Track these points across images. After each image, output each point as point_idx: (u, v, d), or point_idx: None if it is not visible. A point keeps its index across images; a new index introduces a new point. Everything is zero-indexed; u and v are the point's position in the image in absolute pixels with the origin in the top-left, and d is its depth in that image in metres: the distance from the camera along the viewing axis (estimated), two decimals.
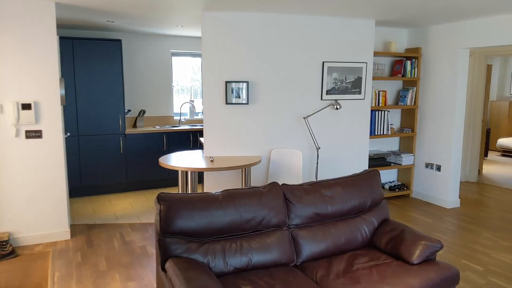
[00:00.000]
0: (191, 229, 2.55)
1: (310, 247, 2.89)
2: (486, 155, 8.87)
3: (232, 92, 4.40)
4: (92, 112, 5.64)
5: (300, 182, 4.48)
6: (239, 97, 4.44)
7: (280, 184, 3.10)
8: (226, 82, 4.39)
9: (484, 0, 3.77)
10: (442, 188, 5.42)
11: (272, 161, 4.63)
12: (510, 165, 8.19)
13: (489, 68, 7.15)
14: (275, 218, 2.83)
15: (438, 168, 5.45)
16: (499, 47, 6.22)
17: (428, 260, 2.79)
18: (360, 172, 3.35)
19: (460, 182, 6.76)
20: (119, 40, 5.66)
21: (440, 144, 5.41)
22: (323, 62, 4.76)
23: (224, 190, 2.78)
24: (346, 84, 4.92)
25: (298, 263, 2.86)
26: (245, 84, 4.43)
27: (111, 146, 5.80)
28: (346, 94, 4.94)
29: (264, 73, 4.55)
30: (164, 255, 2.52)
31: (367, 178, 3.27)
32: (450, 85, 5.21)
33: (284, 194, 2.95)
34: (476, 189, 6.35)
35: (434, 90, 5.44)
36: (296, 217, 2.94)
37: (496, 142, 9.47)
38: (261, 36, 4.48)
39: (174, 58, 6.70)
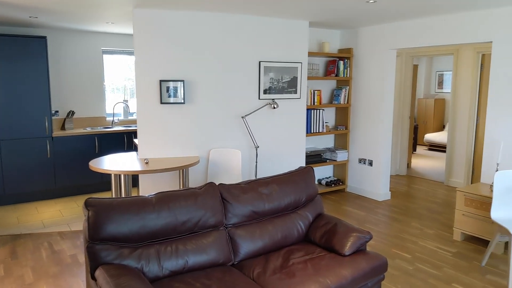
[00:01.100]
0: (122, 235, 2.46)
1: (247, 245, 2.90)
2: (414, 149, 9.46)
3: (167, 91, 4.31)
4: (15, 114, 5.25)
5: (240, 181, 4.48)
6: (175, 97, 4.35)
7: (218, 184, 3.08)
8: (161, 81, 4.28)
9: (408, 4, 4.01)
10: (374, 182, 5.69)
11: (211, 161, 4.59)
12: (436, 158, 8.80)
13: (415, 68, 7.62)
14: (212, 218, 2.80)
15: (370, 163, 5.72)
16: (424, 48, 6.66)
17: (359, 251, 2.92)
18: (295, 169, 3.41)
19: (391, 175, 7.15)
20: (44, 37, 5.31)
21: (371, 140, 5.68)
22: (260, 62, 4.80)
23: (158, 193, 2.71)
24: (283, 84, 5.00)
25: (236, 262, 2.86)
26: (181, 83, 4.35)
27: (36, 150, 5.43)
28: (282, 93, 5.03)
29: (201, 72, 4.50)
30: (94, 262, 2.40)
31: (302, 175, 3.34)
32: (380, 84, 5.49)
33: (221, 194, 2.93)
34: (405, 181, 6.75)
35: (365, 89, 5.70)
36: (233, 216, 2.93)
37: (424, 137, 10.14)
38: (197, 35, 4.42)
39: (106, 56, 6.43)
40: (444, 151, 9.33)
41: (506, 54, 4.17)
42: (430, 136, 9.79)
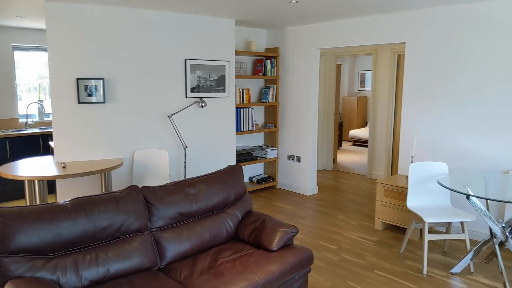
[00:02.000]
0: (34, 245, 2.27)
1: (174, 248, 2.83)
2: (340, 145, 9.90)
3: (85, 90, 4.06)
4: None
5: (167, 182, 4.36)
6: (94, 96, 4.12)
7: (142, 186, 2.96)
8: (78, 79, 4.03)
9: (329, 6, 4.16)
10: (302, 177, 5.86)
11: (136, 163, 4.42)
12: (360, 153, 9.28)
13: (338, 67, 7.96)
14: (135, 223, 2.68)
15: (299, 160, 5.88)
16: (346, 48, 6.97)
17: (287, 246, 2.97)
18: (224, 168, 3.39)
19: (318, 170, 7.42)
20: None
21: (298, 137, 5.84)
22: (186, 60, 4.71)
23: (74, 199, 2.54)
24: (210, 82, 4.95)
25: (162, 266, 2.77)
26: (100, 81, 4.13)
27: None
28: (210, 92, 4.98)
29: (123, 70, 4.31)
30: (3, 277, 2.19)
31: (230, 173, 3.33)
32: (305, 83, 5.65)
33: (144, 197, 2.83)
34: (331, 176, 7.03)
35: (292, 88, 5.84)
36: (158, 219, 2.84)
37: (348, 133, 10.65)
38: (118, 31, 4.22)
39: (17, 53, 5.92)
40: (367, 146, 9.87)
41: (417, 54, 4.49)
42: (354, 132, 10.31)
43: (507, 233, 3.25)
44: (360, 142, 10.30)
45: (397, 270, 3.53)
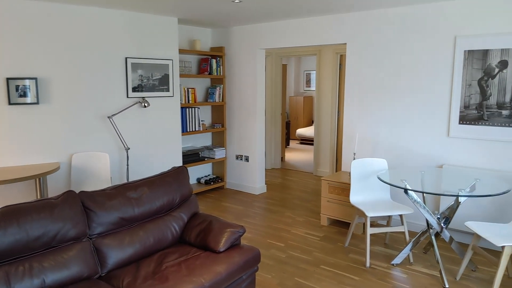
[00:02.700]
0: None
1: (116, 254, 2.71)
2: (288, 144, 10.05)
3: (16, 90, 3.79)
4: None
5: (108, 186, 4.19)
6: (27, 96, 3.86)
7: (79, 191, 2.81)
8: (8, 78, 3.75)
9: (271, 6, 4.19)
10: (251, 176, 5.88)
11: (74, 167, 4.20)
12: (307, 151, 9.47)
13: (284, 67, 8.08)
14: (72, 230, 2.54)
15: (247, 159, 5.88)
16: (291, 48, 7.08)
17: (234, 246, 2.96)
18: (168, 170, 3.31)
19: (266, 169, 7.48)
20: None
21: (246, 137, 5.85)
22: (126, 58, 4.55)
23: (4, 207, 2.36)
24: (153, 81, 4.82)
25: (104, 274, 2.65)
26: (33, 81, 3.88)
27: None
28: (154, 91, 4.85)
29: (58, 69, 4.08)
30: None
31: (175, 175, 3.25)
32: (252, 82, 5.67)
33: (82, 203, 2.69)
34: (280, 174, 7.11)
35: (238, 87, 5.83)
36: (98, 225, 2.71)
37: (296, 132, 10.84)
38: (53, 28, 3.98)
39: None
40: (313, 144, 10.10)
41: (357, 55, 4.65)
42: (301, 131, 10.51)
43: (442, 224, 3.45)
44: (307, 141, 10.52)
45: (342, 264, 3.63)
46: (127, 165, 4.48)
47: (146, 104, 4.61)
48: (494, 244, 2.91)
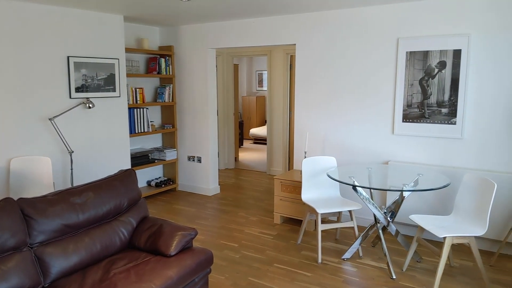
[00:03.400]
0: None
1: (60, 263, 2.58)
2: (241, 144, 10.06)
3: None
4: None
5: (50, 192, 3.97)
6: None
7: (17, 198, 2.64)
8: None
9: (221, 6, 4.15)
10: (204, 177, 5.81)
11: (13, 172, 3.94)
12: (261, 150, 9.52)
13: (236, 67, 8.06)
14: (11, 240, 2.38)
15: (199, 160, 5.81)
16: (242, 48, 7.07)
17: (185, 249, 2.90)
18: (115, 173, 3.19)
19: (220, 170, 7.43)
20: None
21: (198, 137, 5.77)
22: (68, 57, 4.34)
23: None
24: (98, 81, 4.63)
25: (47, 285, 2.51)
26: None
27: None
28: (99, 91, 4.66)
29: None
30: None
31: (122, 179, 3.14)
32: (203, 82, 5.60)
33: (22, 210, 2.53)
34: (233, 174, 7.10)
35: (189, 87, 5.74)
36: (39, 233, 2.56)
37: (249, 131, 10.87)
38: None
39: None
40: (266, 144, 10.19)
41: (306, 56, 4.73)
42: (255, 131, 10.56)
43: (389, 218, 3.58)
44: (260, 140, 10.58)
45: (294, 261, 3.67)
46: (71, 169, 4.26)
47: (90, 105, 4.41)
48: (436, 235, 3.06)
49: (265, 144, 10.25)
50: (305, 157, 4.40)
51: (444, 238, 3.06)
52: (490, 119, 3.78)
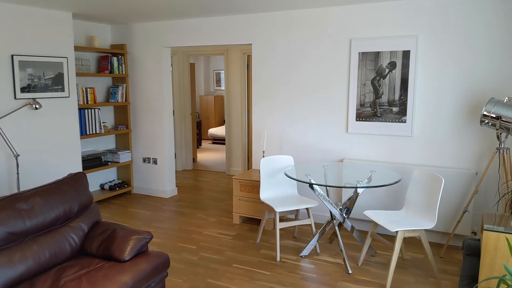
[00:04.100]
0: None
1: (5, 273, 2.42)
2: (200, 144, 9.95)
3: None
4: None
5: None
6: None
7: None
8: None
9: (174, 3, 4.07)
10: (160, 179, 5.68)
11: None
12: (220, 151, 9.47)
13: (192, 66, 7.96)
14: None
15: (155, 161, 5.68)
16: (198, 47, 6.99)
17: (141, 253, 2.82)
18: (64, 177, 3.05)
19: (178, 171, 7.31)
20: None
21: (154, 138, 5.64)
22: (13, 56, 4.10)
23: None
24: (46, 81, 4.41)
25: None
26: None
27: None
28: (47, 91, 4.44)
29: None
30: None
31: (71, 183, 3.01)
32: (157, 81, 5.48)
33: None
34: (191, 175, 7.00)
35: (143, 87, 5.60)
36: None
37: (208, 132, 10.77)
38: None
39: None
40: (225, 144, 10.16)
41: (262, 55, 4.74)
42: (213, 131, 10.48)
43: (344, 215, 3.66)
44: (219, 140, 10.51)
45: (253, 261, 3.67)
46: (17, 174, 4.03)
47: (37, 106, 4.19)
48: (389, 230, 3.16)
49: (224, 144, 10.21)
50: (263, 157, 4.41)
51: (396, 232, 3.17)
52: (436, 117, 3.96)
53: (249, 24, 4.75)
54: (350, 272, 3.45)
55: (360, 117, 4.28)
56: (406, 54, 3.98)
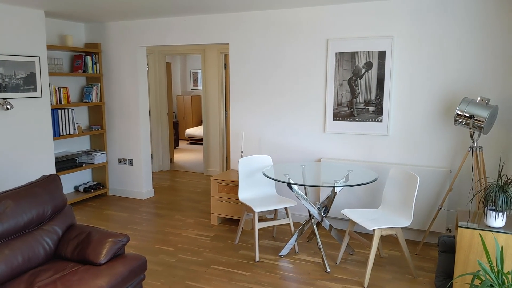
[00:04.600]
0: None
1: None
2: (177, 144, 9.85)
3: None
4: None
5: None
6: None
7: None
8: None
9: (150, 2, 4.01)
10: (137, 181, 5.59)
11: None
12: (197, 151, 9.39)
13: (169, 65, 7.87)
14: None
15: (131, 163, 5.58)
16: (175, 46, 6.92)
17: (117, 256, 2.76)
18: (36, 179, 2.96)
19: (154, 172, 7.21)
20: None
21: (130, 139, 5.54)
22: None
23: None
24: (17, 81, 4.27)
25: None
26: None
27: None
28: (18, 91, 4.29)
29: None
30: None
31: (44, 185, 2.92)
32: (132, 81, 5.38)
33: None
34: (169, 176, 6.92)
35: (118, 87, 5.49)
36: None
37: (185, 132, 10.67)
38: None
39: None
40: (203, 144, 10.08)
41: (240, 55, 4.73)
42: (191, 131, 10.39)
43: (322, 214, 3.69)
44: (196, 141, 10.43)
45: (232, 261, 3.65)
46: None
47: (8, 106, 4.05)
48: (367, 228, 3.20)
49: (202, 144, 10.14)
50: (242, 157, 4.40)
51: (374, 230, 3.21)
52: (412, 117, 4.04)
53: (227, 24, 4.72)
54: (329, 270, 3.47)
55: (337, 116, 4.32)
56: (382, 55, 4.04)
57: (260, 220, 4.66)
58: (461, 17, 3.73)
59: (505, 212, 2.64)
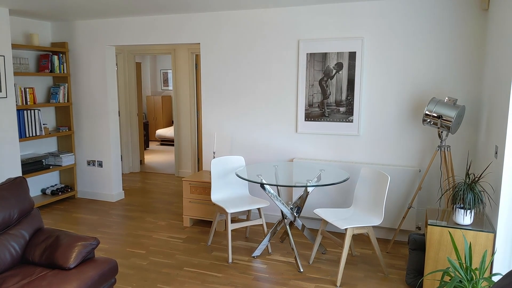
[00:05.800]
0: None
1: None
2: (147, 145, 9.69)
3: None
4: None
5: None
6: None
7: None
8: None
9: (118, 1, 3.94)
10: (106, 183, 5.47)
11: None
12: (168, 152, 9.27)
13: (138, 65, 7.73)
14: None
15: (100, 164, 5.45)
16: (144, 46, 6.81)
17: (87, 260, 2.70)
18: (2, 182, 2.85)
19: (124, 174, 7.07)
20: None
21: (98, 140, 5.41)
22: None
23: None
24: None
25: None
26: None
27: None
28: None
29: None
30: None
31: (10, 188, 2.81)
32: (101, 81, 5.26)
33: None
34: (139, 178, 6.80)
35: (87, 87, 5.36)
36: None
37: (155, 133, 10.51)
38: None
39: None
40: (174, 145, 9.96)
41: (211, 55, 4.70)
42: (161, 132, 10.25)
43: (295, 213, 3.72)
44: (167, 141, 10.30)
45: (205, 263, 3.63)
46: None
47: None
48: (339, 227, 3.25)
49: (173, 145, 10.02)
50: (214, 158, 4.38)
51: (346, 229, 3.27)
52: (382, 117, 4.14)
53: (197, 23, 4.69)
54: (302, 270, 3.51)
55: (309, 117, 4.37)
56: (352, 55, 4.12)
57: (233, 221, 4.65)
58: (429, 19, 3.85)
59: (473, 210, 2.74)
